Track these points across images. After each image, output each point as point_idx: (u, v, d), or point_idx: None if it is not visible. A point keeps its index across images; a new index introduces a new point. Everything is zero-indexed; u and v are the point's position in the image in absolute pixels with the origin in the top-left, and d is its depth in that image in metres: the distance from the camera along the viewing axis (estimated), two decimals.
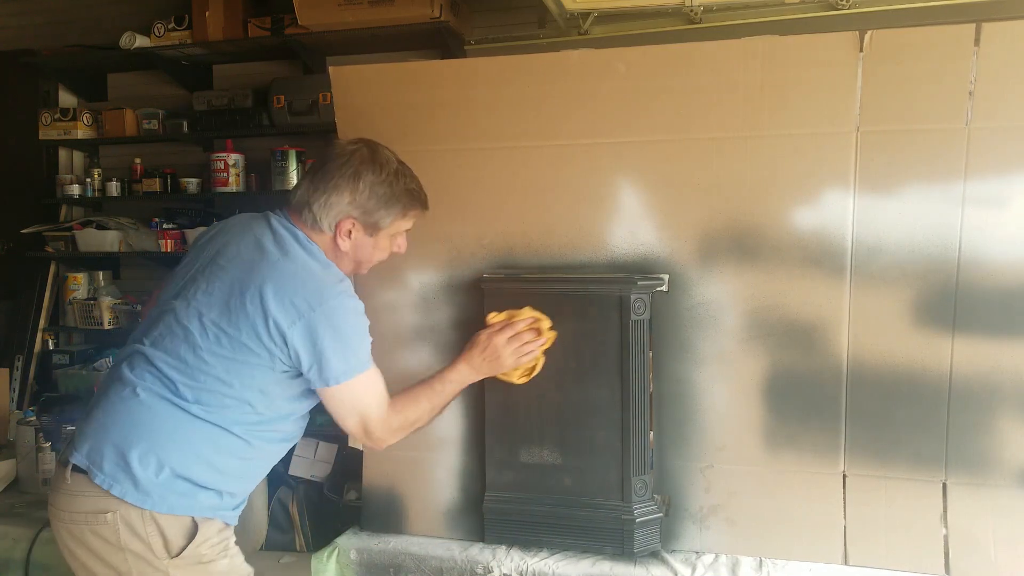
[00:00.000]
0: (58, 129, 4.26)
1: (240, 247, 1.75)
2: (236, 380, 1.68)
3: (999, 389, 1.90)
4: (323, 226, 1.77)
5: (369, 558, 2.16)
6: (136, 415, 1.66)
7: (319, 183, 1.77)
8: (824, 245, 1.97)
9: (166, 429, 1.66)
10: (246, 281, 1.68)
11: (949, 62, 1.87)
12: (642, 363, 2.02)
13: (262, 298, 1.65)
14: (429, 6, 3.50)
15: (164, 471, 1.64)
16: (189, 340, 1.67)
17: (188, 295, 1.72)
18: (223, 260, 1.74)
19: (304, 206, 1.78)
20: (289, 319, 1.66)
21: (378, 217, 1.81)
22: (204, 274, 1.74)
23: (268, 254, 1.73)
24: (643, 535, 2.04)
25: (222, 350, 1.66)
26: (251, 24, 3.94)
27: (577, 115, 2.11)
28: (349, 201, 1.77)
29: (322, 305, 1.68)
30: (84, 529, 1.64)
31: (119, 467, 1.63)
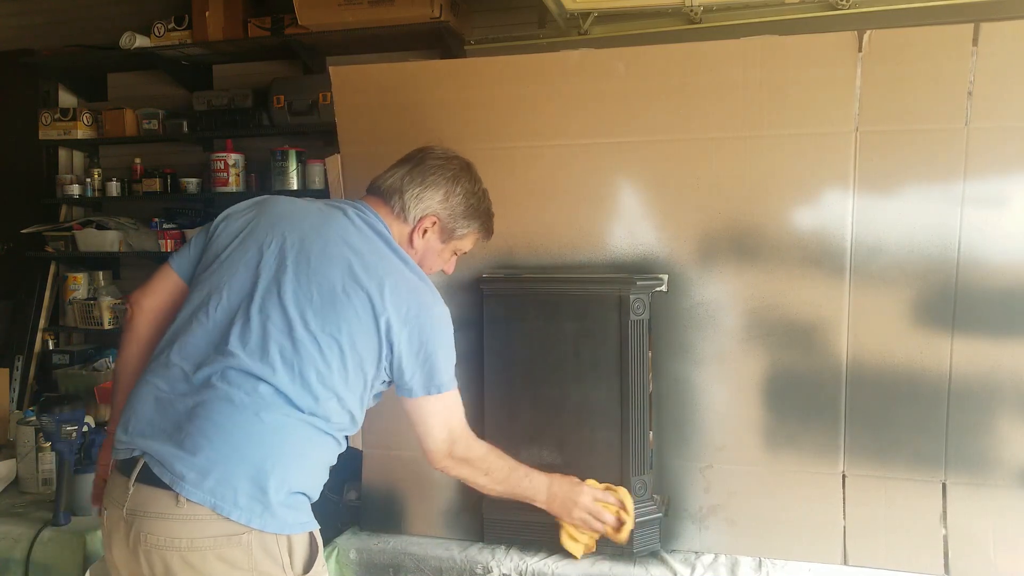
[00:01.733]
0: (58, 129, 4.27)
1: (328, 242, 1.64)
2: (346, 387, 1.61)
3: (999, 389, 1.90)
4: (408, 217, 1.75)
5: (369, 558, 2.16)
6: (268, 441, 1.53)
7: (417, 175, 1.76)
8: (824, 245, 1.97)
9: (296, 450, 1.57)
10: (355, 282, 1.60)
11: (948, 62, 1.87)
12: (641, 363, 2.02)
13: (380, 298, 1.60)
14: (429, 6, 3.51)
15: (293, 492, 1.57)
16: (301, 350, 1.56)
17: (276, 297, 1.58)
18: (309, 257, 1.62)
19: (396, 193, 1.75)
20: (401, 321, 1.61)
21: (458, 225, 1.80)
22: (287, 272, 1.60)
23: (375, 253, 1.66)
24: (642, 535, 2.04)
25: (334, 357, 1.57)
26: (251, 24, 3.94)
27: (577, 115, 2.11)
28: (441, 200, 1.77)
29: (431, 311, 1.66)
30: (208, 555, 1.49)
31: (256, 499, 1.50)
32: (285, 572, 1.54)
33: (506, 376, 2.11)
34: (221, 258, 1.66)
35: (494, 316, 2.11)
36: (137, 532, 1.49)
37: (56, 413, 2.37)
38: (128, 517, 1.51)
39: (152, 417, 1.55)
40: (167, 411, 1.55)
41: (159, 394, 1.57)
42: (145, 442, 1.53)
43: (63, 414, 2.38)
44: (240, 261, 1.64)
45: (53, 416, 2.37)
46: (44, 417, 2.39)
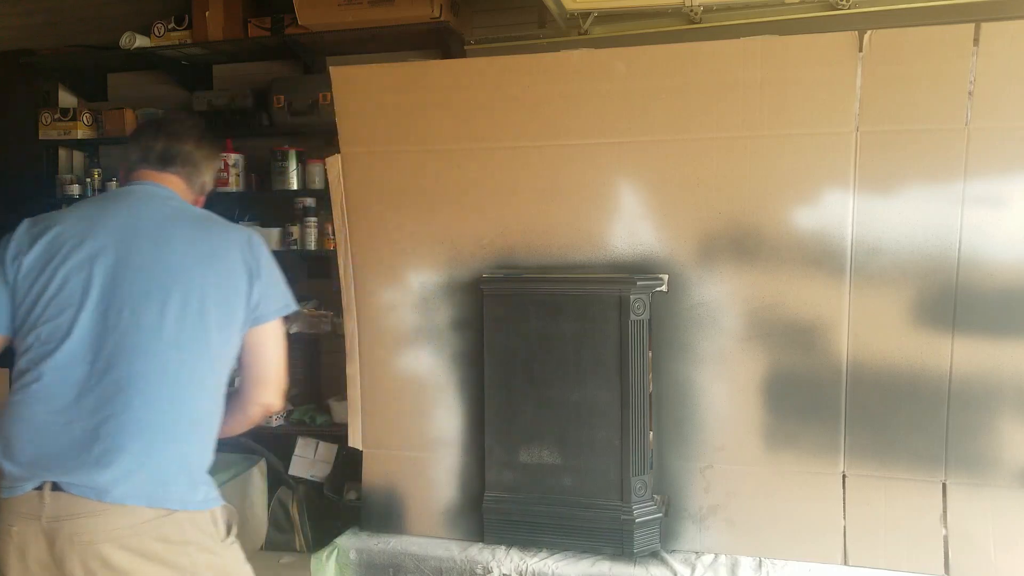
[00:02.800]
0: (58, 129, 4.26)
1: (157, 236, 1.69)
2: (226, 355, 1.71)
3: (999, 389, 1.90)
4: (205, 189, 1.88)
5: (369, 558, 2.16)
6: (183, 431, 1.65)
7: (206, 147, 1.85)
8: (824, 245, 1.97)
9: (206, 432, 1.70)
10: (205, 255, 1.69)
11: (948, 62, 1.87)
12: (642, 363, 2.02)
13: (240, 254, 1.71)
14: (429, 6, 3.50)
15: (206, 469, 1.70)
16: (183, 336, 1.63)
17: (131, 298, 1.63)
18: (150, 249, 1.67)
19: (196, 171, 1.83)
20: (254, 263, 1.73)
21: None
22: (131, 272, 1.64)
23: (200, 227, 1.75)
24: (642, 535, 2.04)
25: (218, 326, 1.67)
26: (251, 24, 3.94)
27: (577, 115, 2.11)
28: (217, 167, 1.96)
29: (252, 239, 1.77)
30: (145, 538, 1.55)
31: (184, 484, 1.62)
32: (214, 541, 1.64)
33: (506, 376, 2.11)
34: (49, 293, 1.63)
35: (494, 316, 2.11)
36: (68, 535, 1.52)
37: None
38: (50, 525, 1.52)
39: (45, 445, 1.57)
40: (60, 437, 1.56)
41: (43, 421, 1.58)
42: (48, 472, 1.54)
43: None
44: (76, 286, 1.63)
45: None
46: None
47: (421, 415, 2.24)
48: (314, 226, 3.91)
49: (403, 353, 2.25)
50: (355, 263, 2.27)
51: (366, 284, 2.27)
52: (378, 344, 2.27)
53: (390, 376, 2.26)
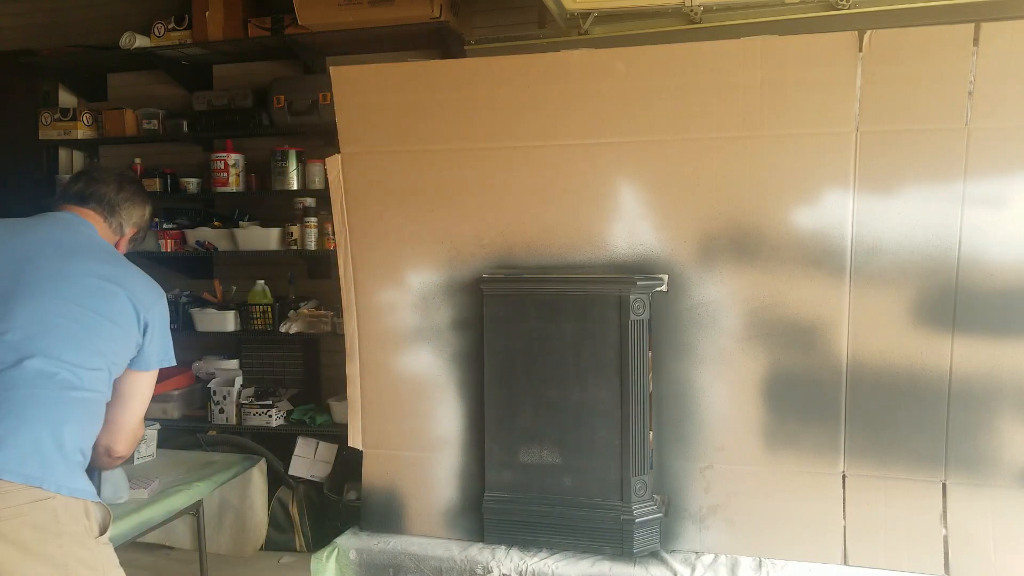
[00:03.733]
0: (58, 129, 4.27)
1: (67, 257, 1.85)
2: (107, 359, 1.81)
3: (999, 389, 1.90)
4: (124, 229, 2.05)
5: (369, 558, 2.16)
6: (60, 413, 1.70)
7: (126, 192, 2.05)
8: (824, 245, 1.97)
9: (83, 419, 1.75)
10: (105, 279, 1.85)
11: (948, 62, 1.87)
12: (641, 363, 2.02)
13: (135, 292, 1.87)
14: (429, 6, 3.51)
15: (81, 459, 1.73)
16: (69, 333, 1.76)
17: (42, 294, 1.78)
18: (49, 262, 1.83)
19: (112, 209, 2.02)
20: (148, 304, 1.89)
21: (140, 235, 2.13)
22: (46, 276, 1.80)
23: (112, 260, 1.93)
24: (642, 535, 2.04)
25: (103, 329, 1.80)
26: (251, 24, 3.94)
27: (577, 115, 2.11)
28: (140, 216, 2.08)
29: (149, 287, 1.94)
30: (17, 523, 1.59)
31: (59, 466, 1.66)
32: (88, 535, 1.67)
33: (506, 376, 2.11)
34: None
35: (494, 316, 2.11)
36: None
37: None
38: None
39: None
40: None
41: None
42: None
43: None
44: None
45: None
46: None
47: (421, 415, 2.24)
48: (314, 226, 3.91)
49: (403, 353, 2.25)
50: (355, 263, 2.27)
51: (366, 284, 2.27)
52: (378, 344, 2.27)
53: (390, 376, 2.26)
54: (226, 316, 4.02)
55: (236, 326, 4.03)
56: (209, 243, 4.03)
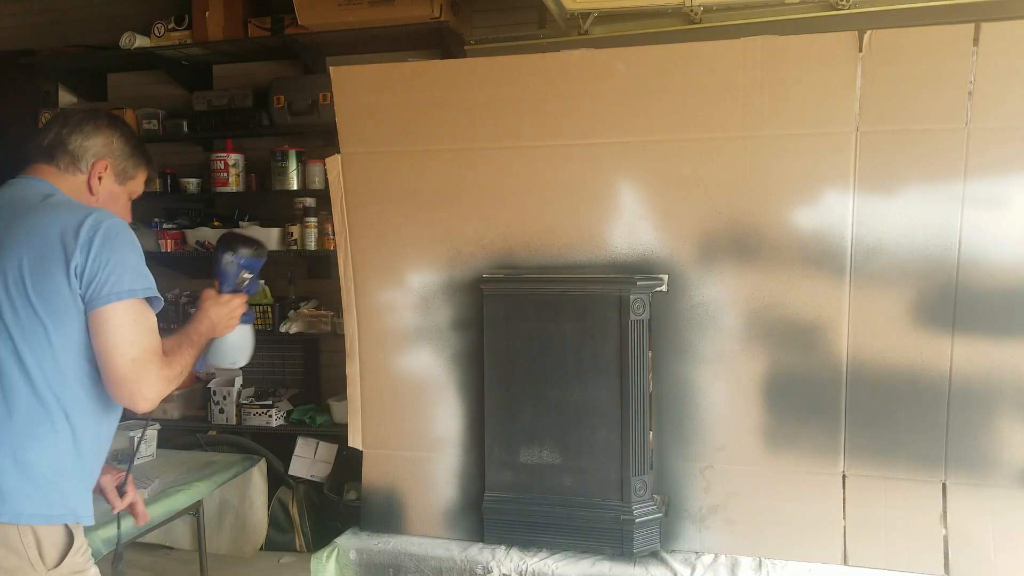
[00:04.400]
0: None
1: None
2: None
3: (999, 389, 1.90)
4: (81, 165, 1.77)
5: (369, 558, 2.16)
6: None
7: (74, 127, 1.78)
8: (824, 245, 1.97)
9: (27, 431, 1.58)
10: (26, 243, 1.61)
11: (948, 62, 1.87)
12: (641, 363, 2.02)
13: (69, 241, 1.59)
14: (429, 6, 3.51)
15: (39, 478, 1.56)
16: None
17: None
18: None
19: (58, 146, 1.76)
20: (83, 245, 1.60)
21: (128, 165, 1.83)
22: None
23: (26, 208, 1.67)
24: (642, 535, 2.04)
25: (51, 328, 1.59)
26: (251, 24, 3.94)
27: (577, 115, 2.11)
28: (104, 143, 1.79)
29: (88, 217, 1.63)
30: None
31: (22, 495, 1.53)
32: (34, 567, 1.52)
33: (506, 376, 2.11)
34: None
35: (494, 316, 2.11)
36: None
37: (241, 255, 1.96)
38: None
39: None
40: None
41: None
42: None
43: (249, 259, 1.98)
44: None
45: (237, 256, 1.96)
46: (226, 254, 1.96)
47: (421, 415, 2.24)
48: (314, 226, 3.91)
49: (403, 353, 2.25)
50: (355, 263, 2.27)
51: (366, 284, 2.27)
52: (378, 344, 2.27)
53: (390, 376, 2.26)
54: None
55: None
56: (209, 243, 4.04)
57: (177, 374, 1.69)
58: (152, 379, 1.61)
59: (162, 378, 1.63)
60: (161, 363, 1.64)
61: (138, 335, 1.61)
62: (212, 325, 1.88)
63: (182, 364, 1.72)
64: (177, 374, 1.69)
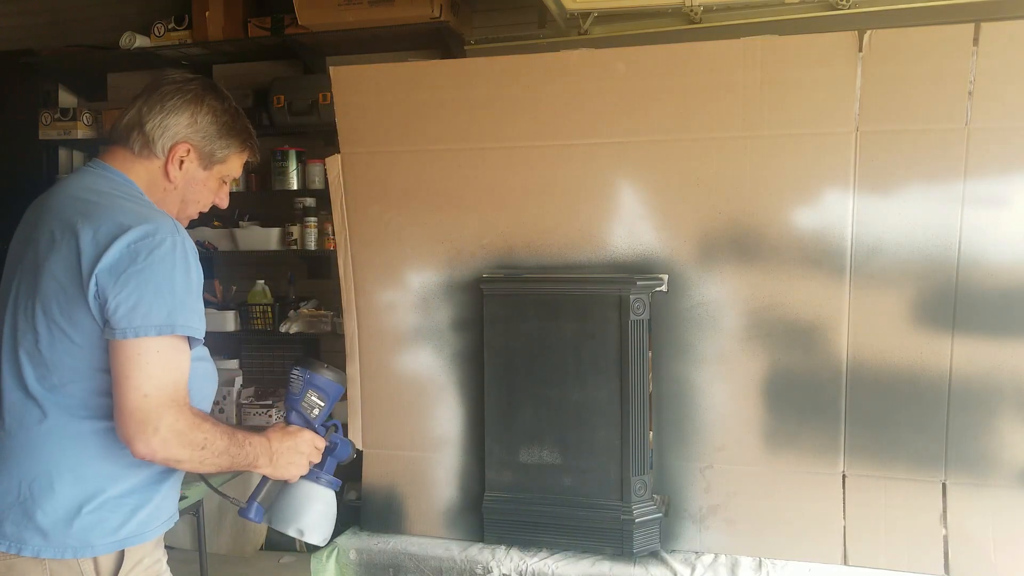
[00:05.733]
0: (58, 129, 4.27)
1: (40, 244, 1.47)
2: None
3: (999, 389, 1.89)
4: (156, 149, 1.54)
5: (368, 558, 2.16)
6: (32, 457, 1.43)
7: (154, 103, 1.55)
8: (824, 245, 1.97)
9: (64, 458, 1.44)
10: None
11: (948, 62, 1.87)
12: (641, 363, 2.02)
13: (77, 240, 1.40)
14: (429, 6, 3.51)
15: (78, 506, 1.43)
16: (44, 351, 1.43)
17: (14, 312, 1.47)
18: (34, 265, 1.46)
19: (135, 127, 1.55)
20: (99, 254, 1.39)
21: (217, 147, 1.60)
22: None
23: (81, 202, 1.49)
24: (642, 535, 2.04)
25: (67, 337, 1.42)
26: (251, 24, 3.95)
27: (577, 115, 2.11)
28: (188, 124, 1.56)
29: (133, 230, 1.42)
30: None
31: (28, 526, 1.40)
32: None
33: (506, 376, 2.11)
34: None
35: (494, 316, 2.11)
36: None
37: (311, 370, 1.69)
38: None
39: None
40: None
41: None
42: None
43: (318, 376, 1.69)
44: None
45: (304, 371, 1.68)
46: (295, 368, 1.71)
47: (421, 415, 2.24)
48: (314, 226, 3.92)
49: (403, 353, 2.25)
50: (355, 263, 2.27)
51: (366, 284, 2.27)
52: (378, 344, 2.27)
53: (390, 376, 2.26)
54: (226, 316, 4.02)
55: (236, 326, 4.04)
56: (209, 243, 4.04)
57: (199, 446, 1.43)
58: (163, 427, 1.36)
59: (176, 433, 1.38)
60: (181, 417, 1.39)
61: (159, 371, 1.38)
62: (269, 452, 1.60)
63: (212, 445, 1.46)
64: (199, 446, 1.43)
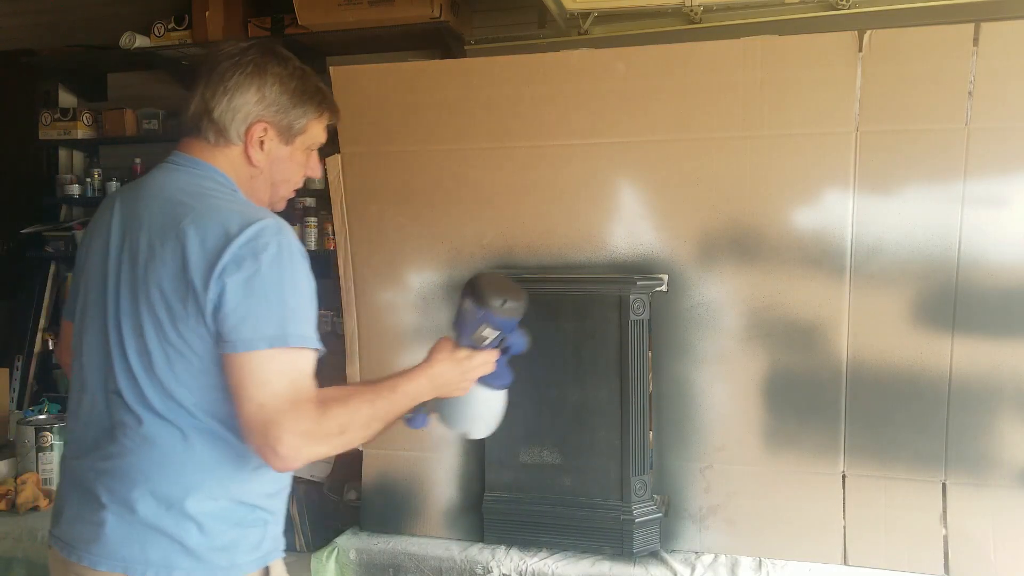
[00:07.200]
0: (58, 129, 4.26)
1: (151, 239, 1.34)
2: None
3: (999, 389, 1.90)
4: (231, 135, 1.41)
5: (369, 558, 2.16)
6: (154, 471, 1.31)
7: (216, 85, 1.41)
8: (824, 245, 1.97)
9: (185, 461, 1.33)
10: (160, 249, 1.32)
11: (948, 62, 1.87)
12: (641, 363, 2.02)
13: (184, 249, 1.29)
14: (429, 6, 3.50)
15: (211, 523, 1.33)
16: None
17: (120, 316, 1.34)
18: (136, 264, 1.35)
19: (203, 116, 1.41)
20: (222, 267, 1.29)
21: (293, 117, 1.48)
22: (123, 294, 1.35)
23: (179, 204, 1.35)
24: (642, 535, 2.04)
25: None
26: (251, 24, 3.93)
27: (577, 115, 2.11)
28: (257, 100, 1.43)
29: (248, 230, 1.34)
30: None
31: (178, 548, 1.29)
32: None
33: None
34: (78, 296, 1.44)
35: None
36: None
37: (483, 306, 1.55)
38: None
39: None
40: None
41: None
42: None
43: (491, 314, 1.56)
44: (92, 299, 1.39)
45: (478, 307, 1.56)
46: (466, 299, 1.57)
47: None
48: (314, 226, 3.90)
49: (403, 353, 2.25)
50: (355, 263, 2.27)
51: (366, 284, 2.27)
52: (378, 344, 2.27)
53: None
54: None
55: None
56: None
57: (337, 433, 1.29)
58: (285, 435, 1.22)
59: (303, 435, 1.24)
60: (303, 416, 1.25)
61: (273, 377, 1.26)
62: (435, 386, 1.54)
63: (353, 423, 1.33)
64: (337, 433, 1.29)
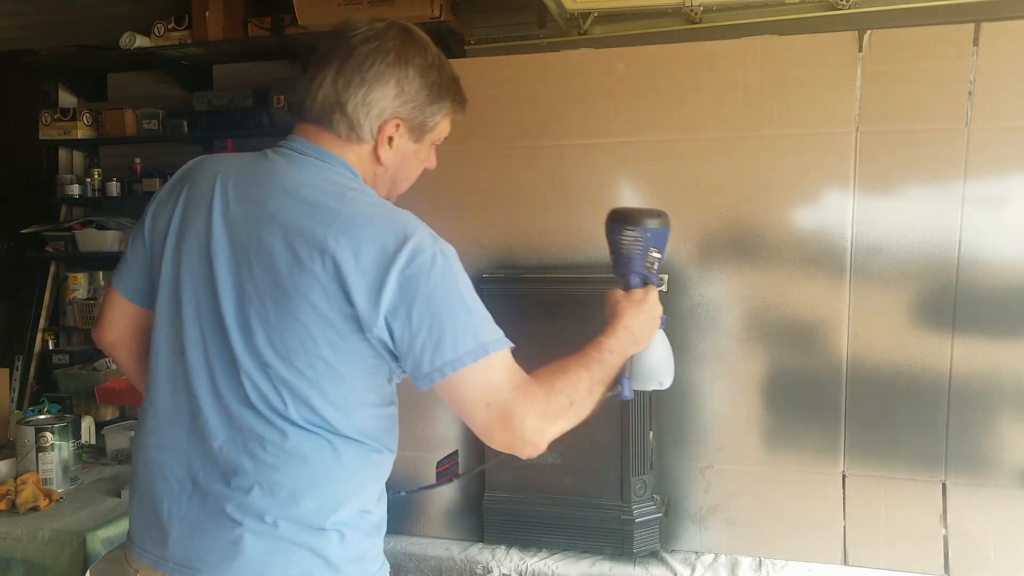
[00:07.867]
0: (58, 129, 4.26)
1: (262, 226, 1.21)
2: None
3: (999, 389, 1.90)
4: (363, 133, 1.28)
5: None
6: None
7: (352, 73, 1.26)
8: (824, 245, 1.97)
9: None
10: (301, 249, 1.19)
11: (949, 62, 1.87)
12: None
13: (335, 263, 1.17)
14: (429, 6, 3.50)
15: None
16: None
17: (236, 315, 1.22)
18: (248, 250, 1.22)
19: (334, 108, 1.26)
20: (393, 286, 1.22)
21: (428, 114, 1.35)
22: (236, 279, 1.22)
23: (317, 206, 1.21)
24: (642, 535, 2.04)
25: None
26: (251, 24, 3.94)
27: (577, 115, 2.11)
28: (396, 95, 1.29)
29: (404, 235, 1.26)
30: None
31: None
32: None
33: None
34: (163, 276, 1.28)
35: (494, 316, 2.10)
36: None
37: (647, 227, 1.49)
38: None
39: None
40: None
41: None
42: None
43: (657, 230, 1.50)
44: (185, 276, 1.25)
45: (642, 229, 1.49)
46: (627, 231, 1.50)
47: (421, 415, 2.24)
48: None
49: None
50: None
51: None
52: None
53: None
54: None
55: None
56: None
57: (567, 405, 1.27)
58: (527, 421, 1.22)
59: (539, 415, 1.23)
60: (533, 397, 1.23)
61: (492, 381, 1.24)
62: (633, 336, 1.41)
63: (577, 393, 1.28)
64: (567, 405, 1.27)
